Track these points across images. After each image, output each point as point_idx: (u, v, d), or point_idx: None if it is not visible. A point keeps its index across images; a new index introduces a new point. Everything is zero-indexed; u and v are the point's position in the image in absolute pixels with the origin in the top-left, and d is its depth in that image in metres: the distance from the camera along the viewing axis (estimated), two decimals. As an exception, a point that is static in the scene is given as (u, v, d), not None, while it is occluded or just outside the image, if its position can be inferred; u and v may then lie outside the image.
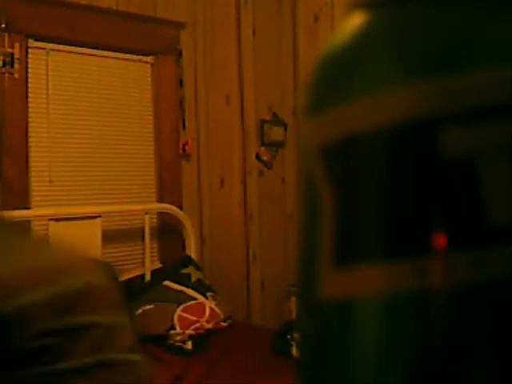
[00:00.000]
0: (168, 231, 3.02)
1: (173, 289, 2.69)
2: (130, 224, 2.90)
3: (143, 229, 2.86)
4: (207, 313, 2.63)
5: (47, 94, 2.65)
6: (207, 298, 2.71)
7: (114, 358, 0.65)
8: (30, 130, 2.59)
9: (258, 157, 3.45)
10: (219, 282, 3.07)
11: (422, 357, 0.21)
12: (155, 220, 2.99)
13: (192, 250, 2.99)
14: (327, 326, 0.24)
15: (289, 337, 2.54)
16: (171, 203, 2.98)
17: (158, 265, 2.96)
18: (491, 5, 0.21)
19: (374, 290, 0.22)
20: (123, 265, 2.82)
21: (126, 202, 2.89)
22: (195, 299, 2.67)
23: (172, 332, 2.51)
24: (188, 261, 2.89)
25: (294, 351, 2.53)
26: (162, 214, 2.99)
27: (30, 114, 2.59)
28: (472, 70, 0.20)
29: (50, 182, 2.66)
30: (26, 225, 2.52)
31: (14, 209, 2.48)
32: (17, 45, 2.51)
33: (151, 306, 2.58)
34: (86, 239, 2.62)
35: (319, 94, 0.24)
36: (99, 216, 2.68)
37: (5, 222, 0.81)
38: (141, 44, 2.94)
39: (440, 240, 0.21)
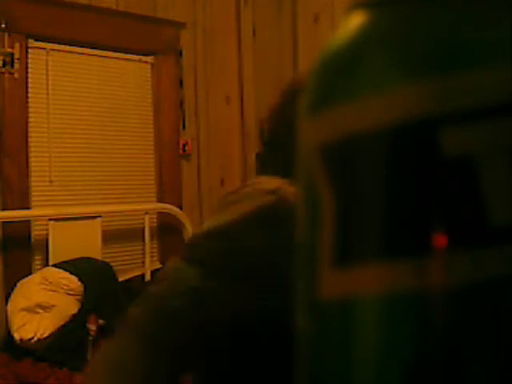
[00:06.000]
0: (168, 231, 3.02)
1: (173, 289, 2.68)
2: (130, 224, 2.89)
3: (143, 229, 2.85)
4: (207, 313, 2.62)
5: (47, 93, 2.65)
6: (207, 298, 2.70)
7: None
8: (30, 129, 2.58)
9: (258, 157, 3.45)
10: (219, 282, 3.06)
11: (421, 357, 0.21)
12: (155, 220, 2.98)
13: (192, 250, 2.98)
14: (327, 326, 0.24)
15: (289, 337, 2.54)
16: (171, 203, 2.98)
17: (158, 265, 2.96)
18: (490, 6, 0.21)
19: (374, 290, 0.22)
20: (123, 265, 2.81)
21: (125, 201, 2.89)
22: (195, 299, 2.66)
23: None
24: (188, 261, 2.88)
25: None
26: (161, 214, 2.98)
27: (30, 114, 2.59)
28: (471, 70, 0.20)
29: (50, 181, 2.66)
30: (25, 225, 2.52)
31: (14, 209, 2.48)
32: (17, 45, 2.51)
33: (151, 306, 2.57)
34: (86, 239, 2.62)
35: (319, 93, 0.24)
36: (99, 216, 2.68)
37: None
38: (141, 44, 2.94)
39: (440, 240, 0.21)
